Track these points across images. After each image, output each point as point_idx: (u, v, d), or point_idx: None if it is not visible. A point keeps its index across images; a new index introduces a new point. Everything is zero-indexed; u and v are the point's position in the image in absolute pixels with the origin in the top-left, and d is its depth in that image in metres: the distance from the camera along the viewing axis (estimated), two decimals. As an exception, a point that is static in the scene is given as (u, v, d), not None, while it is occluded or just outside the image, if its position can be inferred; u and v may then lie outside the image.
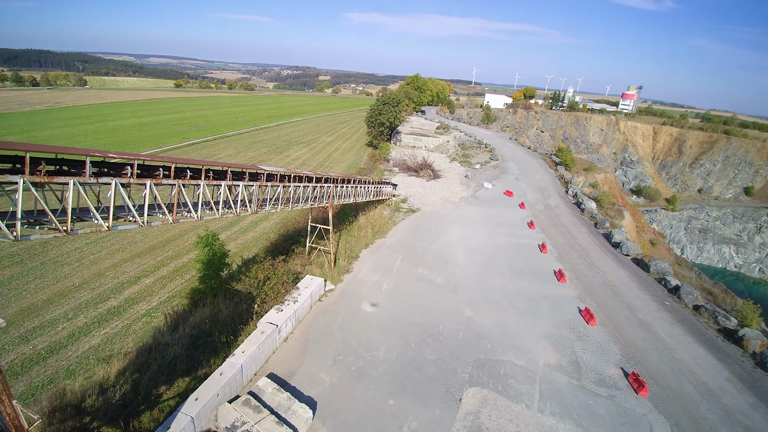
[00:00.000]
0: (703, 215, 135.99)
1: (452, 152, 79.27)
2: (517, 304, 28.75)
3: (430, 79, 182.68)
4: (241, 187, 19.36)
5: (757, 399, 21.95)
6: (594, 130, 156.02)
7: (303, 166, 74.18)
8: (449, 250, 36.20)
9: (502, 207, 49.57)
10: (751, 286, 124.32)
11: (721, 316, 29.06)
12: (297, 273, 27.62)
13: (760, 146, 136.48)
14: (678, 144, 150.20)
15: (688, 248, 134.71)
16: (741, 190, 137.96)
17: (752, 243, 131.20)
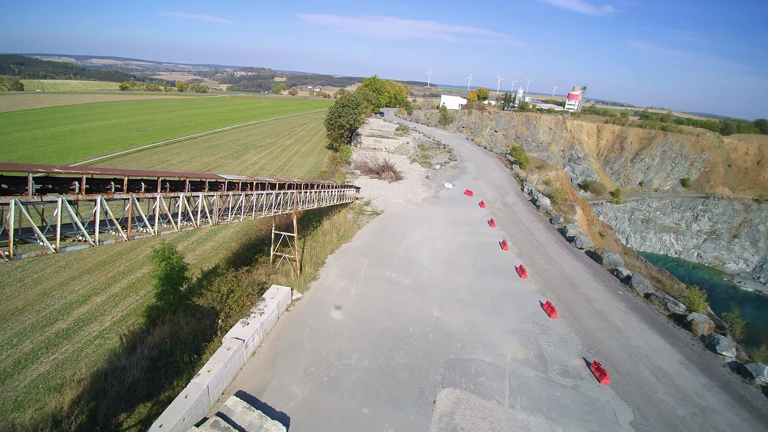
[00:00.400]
0: (644, 206, 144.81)
1: (412, 153, 79.78)
2: (483, 302, 29.15)
3: (388, 80, 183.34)
4: (201, 197, 18.32)
5: (709, 380, 23.33)
6: (543, 129, 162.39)
7: (262, 170, 72.14)
8: (415, 252, 36.24)
9: (463, 206, 50.32)
10: (691, 270, 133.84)
11: (671, 302, 30.72)
12: (262, 283, 26.59)
13: (694, 141, 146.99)
14: (620, 141, 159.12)
15: (633, 237, 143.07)
16: (678, 182, 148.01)
17: (690, 230, 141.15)
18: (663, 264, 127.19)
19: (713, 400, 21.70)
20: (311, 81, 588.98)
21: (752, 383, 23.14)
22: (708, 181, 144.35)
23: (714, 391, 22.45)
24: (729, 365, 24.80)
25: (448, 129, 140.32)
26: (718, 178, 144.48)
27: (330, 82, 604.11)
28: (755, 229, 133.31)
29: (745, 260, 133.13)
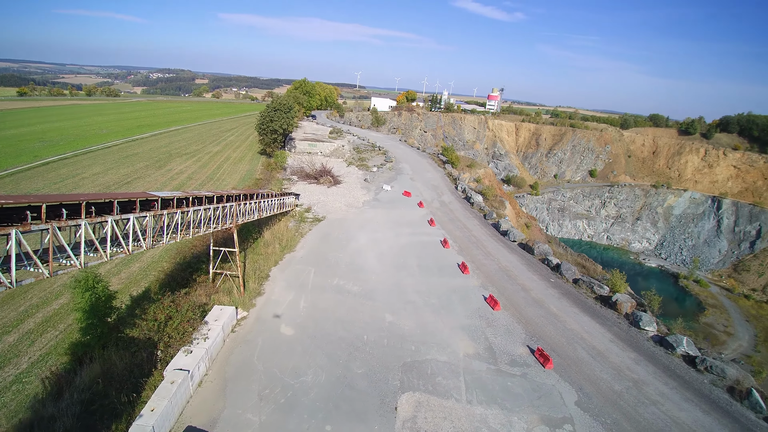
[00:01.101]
0: (560, 196, 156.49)
1: (348, 156, 79.09)
2: (431, 301, 29.46)
3: (318, 83, 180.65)
4: (132, 220, 16.31)
5: (637, 354, 25.41)
6: (468, 128, 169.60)
7: (190, 180, 67.43)
8: (361, 257, 35.75)
9: (403, 208, 50.72)
10: (602, 251, 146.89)
11: (596, 285, 33.17)
12: (203, 305, 24.53)
13: (598, 136, 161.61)
14: (536, 138, 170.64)
15: (551, 226, 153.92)
16: (587, 173, 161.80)
17: (599, 216, 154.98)
18: (579, 248, 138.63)
19: (643, 373, 23.66)
20: (236, 83, 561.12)
21: (674, 354, 25.61)
22: (612, 171, 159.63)
23: (643, 364, 24.51)
24: (652, 339, 27.26)
25: (380, 131, 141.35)
26: (621, 167, 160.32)
27: (257, 84, 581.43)
28: (654, 211, 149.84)
29: (648, 239, 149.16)
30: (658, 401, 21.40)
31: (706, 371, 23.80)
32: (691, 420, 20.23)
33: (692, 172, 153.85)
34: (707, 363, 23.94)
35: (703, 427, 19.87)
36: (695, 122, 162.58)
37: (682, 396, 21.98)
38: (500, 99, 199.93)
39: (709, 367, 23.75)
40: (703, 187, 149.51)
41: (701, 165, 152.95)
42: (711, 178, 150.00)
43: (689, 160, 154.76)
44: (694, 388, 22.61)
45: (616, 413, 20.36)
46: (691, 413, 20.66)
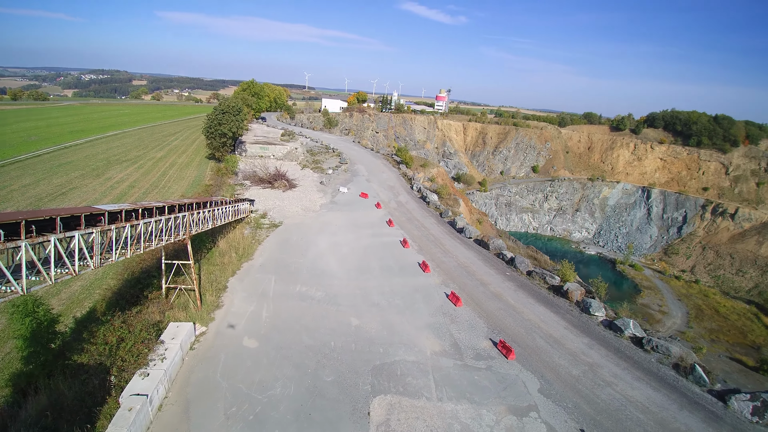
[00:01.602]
0: (506, 192, 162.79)
1: (302, 159, 77.56)
2: (396, 302, 29.46)
3: (266, 84, 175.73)
4: (77, 237, 14.81)
5: (590, 339, 26.80)
6: (418, 128, 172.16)
7: (132, 189, 63.04)
8: (322, 261, 35.07)
9: (361, 209, 50.44)
10: (547, 242, 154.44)
11: (548, 276, 34.66)
12: (157, 323, 22.89)
13: (539, 134, 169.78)
14: (482, 136, 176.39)
15: (500, 220, 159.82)
16: (530, 169, 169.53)
17: (543, 209, 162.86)
18: (525, 240, 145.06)
19: (597, 356, 25.01)
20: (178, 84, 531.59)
21: (623, 336, 27.27)
22: (552, 167, 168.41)
23: (596, 348, 25.90)
24: (602, 323, 28.88)
25: (333, 132, 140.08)
26: (560, 163, 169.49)
27: (200, 85, 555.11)
28: (591, 203, 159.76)
29: (587, 229, 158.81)
30: (612, 382, 22.69)
31: (652, 351, 25.56)
32: (643, 397, 21.63)
33: (624, 165, 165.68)
34: (653, 343, 25.71)
35: (654, 403, 21.30)
36: (625, 119, 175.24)
37: (633, 375, 23.46)
38: (448, 99, 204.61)
39: (655, 347, 25.52)
40: (634, 179, 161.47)
41: (631, 158, 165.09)
42: (640, 170, 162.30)
43: (621, 154, 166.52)
44: (643, 368, 24.21)
45: (576, 397, 21.35)
46: (643, 391, 22.10)
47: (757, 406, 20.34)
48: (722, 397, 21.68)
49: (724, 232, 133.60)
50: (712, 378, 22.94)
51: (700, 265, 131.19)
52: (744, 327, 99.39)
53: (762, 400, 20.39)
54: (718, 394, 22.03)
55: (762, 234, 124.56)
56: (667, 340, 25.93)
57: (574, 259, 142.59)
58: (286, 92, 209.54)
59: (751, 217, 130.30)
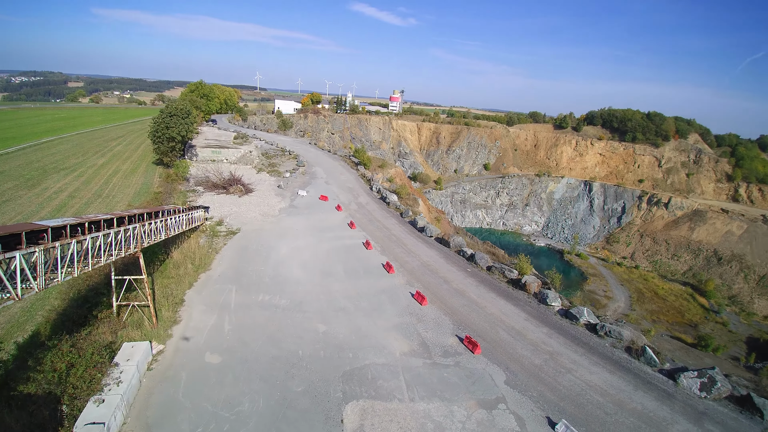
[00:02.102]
0: (461, 190, 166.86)
1: (258, 162, 75.26)
2: (362, 305, 29.20)
3: (216, 85, 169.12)
4: (18, 258, 13.31)
5: (549, 329, 27.86)
6: (374, 129, 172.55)
7: (73, 199, 58.32)
8: (284, 267, 34.10)
9: (322, 212, 49.66)
10: (500, 236, 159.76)
11: (507, 270, 35.73)
12: (110, 344, 21.20)
13: (489, 132, 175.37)
14: (436, 136, 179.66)
15: (455, 217, 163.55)
16: (482, 167, 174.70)
17: (495, 205, 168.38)
18: (480, 235, 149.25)
19: (556, 345, 26.05)
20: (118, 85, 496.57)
21: (578, 324, 28.60)
22: (503, 164, 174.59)
23: (554, 337, 26.97)
24: (558, 313, 30.14)
25: (288, 134, 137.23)
26: (509, 160, 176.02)
27: (143, 86, 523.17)
28: (539, 197, 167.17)
29: (536, 222, 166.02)
30: (572, 369, 23.73)
31: (606, 336, 27.00)
32: (601, 381, 22.77)
33: (567, 161, 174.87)
34: (606, 329, 27.17)
35: (611, 385, 22.49)
36: (567, 117, 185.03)
37: (590, 360, 24.66)
38: (401, 100, 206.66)
39: (608, 332, 26.99)
40: (577, 174, 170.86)
41: (574, 154, 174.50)
42: (582, 165, 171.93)
43: (564, 150, 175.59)
44: (598, 353, 25.52)
45: (540, 386, 22.12)
46: (600, 375, 23.27)
47: (704, 382, 22.02)
48: (672, 375, 23.28)
49: (659, 220, 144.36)
50: (661, 358, 24.57)
51: (639, 252, 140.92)
52: (681, 307, 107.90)
53: (708, 376, 22.10)
54: (668, 373, 23.63)
55: (693, 221, 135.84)
56: (619, 325, 27.47)
57: (525, 251, 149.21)
58: (237, 93, 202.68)
59: (683, 206, 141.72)
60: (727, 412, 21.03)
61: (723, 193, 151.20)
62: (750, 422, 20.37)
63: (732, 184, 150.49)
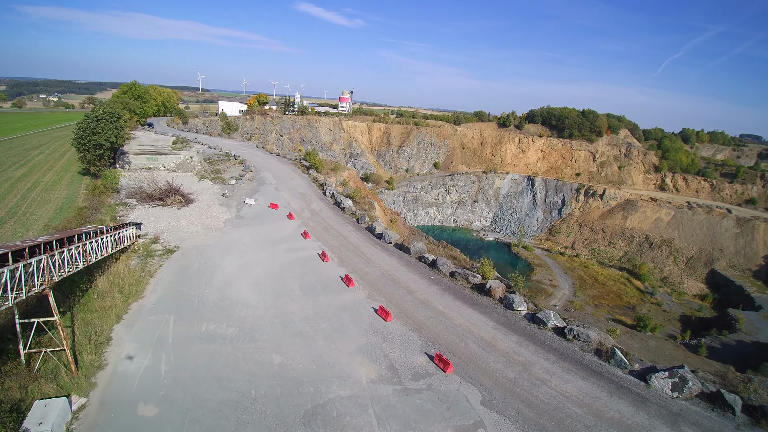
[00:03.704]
0: (412, 189, 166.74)
1: (199, 169, 69.30)
2: (322, 326, 26.32)
3: (152, 86, 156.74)
4: None
5: (518, 336, 26.53)
6: (324, 130, 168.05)
7: (-19, 218, 49.97)
8: (232, 289, 30.32)
9: (272, 222, 45.82)
10: (452, 233, 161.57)
11: (470, 275, 34.25)
12: (17, 403, 16.87)
13: (438, 132, 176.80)
14: (386, 136, 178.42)
15: (408, 216, 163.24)
16: (432, 165, 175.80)
17: (446, 202, 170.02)
18: (433, 233, 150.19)
19: (527, 354, 24.70)
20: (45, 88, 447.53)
21: (546, 328, 27.52)
22: (452, 162, 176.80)
23: (525, 345, 25.65)
24: (525, 318, 28.98)
25: (233, 138, 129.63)
26: (458, 158, 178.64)
27: (72, 88, 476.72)
28: (486, 193, 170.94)
29: (484, 217, 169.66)
30: (546, 379, 22.40)
31: (574, 339, 26.08)
32: (576, 390, 21.59)
33: (511, 157, 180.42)
34: (574, 332, 26.26)
35: (587, 394, 21.36)
36: (509, 116, 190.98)
37: (562, 368, 23.50)
38: (351, 101, 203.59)
39: (577, 335, 26.08)
40: (520, 169, 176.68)
41: (517, 151, 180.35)
42: (525, 161, 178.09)
43: (508, 148, 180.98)
44: (569, 358, 24.47)
45: (517, 402, 20.54)
46: (575, 383, 22.11)
47: (676, 382, 21.49)
48: (643, 376, 22.62)
49: (595, 210, 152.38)
50: (630, 359, 23.91)
51: (579, 241, 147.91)
52: (619, 291, 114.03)
53: (679, 376, 21.59)
54: (639, 374, 22.97)
55: (626, 210, 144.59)
56: (586, 327, 26.71)
57: (476, 245, 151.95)
58: (177, 95, 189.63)
59: (616, 196, 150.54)
60: (700, 411, 20.56)
61: (651, 183, 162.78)
62: (723, 419, 19.98)
63: (659, 174, 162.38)
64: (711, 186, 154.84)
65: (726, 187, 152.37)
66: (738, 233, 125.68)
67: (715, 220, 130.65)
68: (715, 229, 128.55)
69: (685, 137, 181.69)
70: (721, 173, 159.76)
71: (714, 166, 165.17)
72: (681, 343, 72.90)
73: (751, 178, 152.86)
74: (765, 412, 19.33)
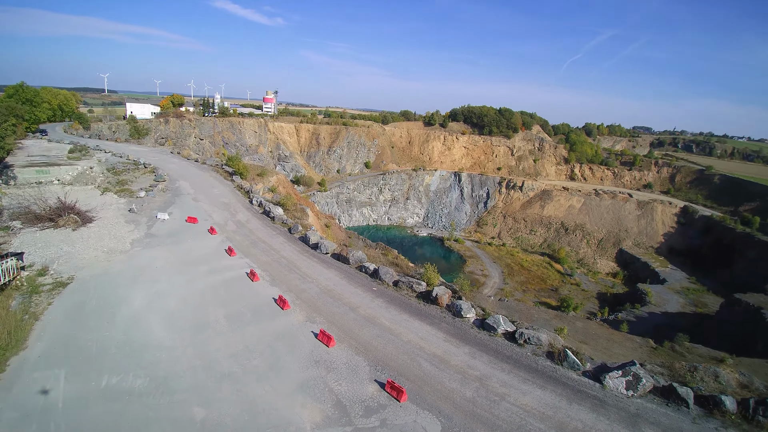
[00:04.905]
0: (345, 189, 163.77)
1: (101, 181, 59.84)
2: (254, 364, 22.37)
3: (45, 88, 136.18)
4: None
5: (470, 347, 24.82)
6: (249, 132, 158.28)
7: None
8: (140, 327, 25.00)
9: (191, 239, 39.99)
10: (386, 231, 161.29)
11: (415, 284, 32.19)
12: None
13: (367, 132, 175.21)
14: (315, 137, 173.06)
15: (343, 217, 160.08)
16: (363, 165, 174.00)
17: (379, 201, 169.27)
18: (368, 232, 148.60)
19: (482, 366, 23.01)
20: None
21: (496, 334, 26.17)
22: (382, 161, 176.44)
23: (478, 356, 23.98)
24: (474, 325, 27.48)
25: (144, 143, 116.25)
26: (388, 157, 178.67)
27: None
28: (417, 190, 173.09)
29: (417, 214, 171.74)
30: (505, 394, 20.82)
31: (525, 343, 24.99)
32: (536, 402, 20.24)
33: (438, 155, 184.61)
34: (524, 336, 25.17)
35: (546, 405, 20.09)
36: (434, 115, 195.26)
37: (518, 378, 22.14)
38: (276, 101, 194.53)
39: (527, 339, 25.01)
40: (447, 166, 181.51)
41: (443, 148, 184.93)
42: (451, 158, 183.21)
43: (434, 145, 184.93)
44: (524, 365, 23.24)
45: (479, 427, 18.63)
46: (533, 394, 20.78)
47: (630, 380, 21.05)
48: (597, 377, 21.99)
49: (516, 201, 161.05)
50: (582, 359, 23.24)
51: (504, 231, 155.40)
52: (543, 275, 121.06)
53: (633, 374, 21.18)
54: (592, 375, 22.32)
55: (543, 199, 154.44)
56: (536, 330, 25.78)
57: (410, 242, 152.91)
58: (77, 97, 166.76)
59: (534, 187, 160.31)
60: (656, 407, 20.22)
61: (563, 173, 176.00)
62: (678, 414, 19.75)
63: (569, 165, 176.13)
64: (613, 174, 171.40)
65: (626, 174, 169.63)
66: (639, 215, 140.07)
67: (619, 205, 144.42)
68: (620, 213, 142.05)
69: (588, 131, 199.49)
70: (621, 162, 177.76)
71: (614, 156, 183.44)
72: (602, 320, 78.38)
73: (646, 165, 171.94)
74: (716, 401, 19.39)
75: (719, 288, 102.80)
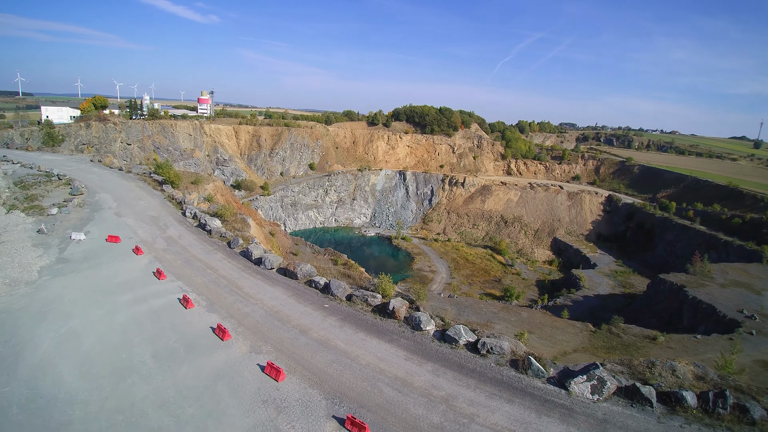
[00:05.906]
0: (289, 192, 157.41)
1: (7, 197, 50.84)
2: (189, 413, 18.84)
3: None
4: None
5: (433, 364, 23.11)
6: (183, 135, 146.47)
7: None
8: (48, 377, 20.31)
9: (111, 262, 34.47)
10: (334, 232, 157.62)
11: (370, 297, 30.03)
12: None
13: (310, 132, 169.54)
14: (256, 139, 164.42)
15: (288, 221, 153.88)
16: (307, 167, 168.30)
17: (325, 203, 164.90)
18: (315, 235, 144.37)
19: (447, 385, 21.36)
20: None
21: (458, 346, 24.67)
22: (327, 162, 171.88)
23: (442, 374, 22.33)
24: (435, 337, 25.85)
25: (60, 151, 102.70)
26: (332, 158, 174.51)
27: None
28: (364, 190, 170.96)
29: (364, 214, 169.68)
30: (473, 414, 19.27)
31: (488, 353, 23.77)
32: (505, 419, 18.89)
33: (382, 154, 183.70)
34: (487, 345, 23.95)
35: (516, 420, 18.82)
36: (377, 114, 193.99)
37: (485, 393, 20.75)
38: (212, 102, 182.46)
39: (490, 349, 23.81)
40: (392, 165, 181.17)
41: (387, 148, 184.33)
42: (395, 157, 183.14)
43: (379, 145, 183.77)
44: (489, 378, 21.93)
45: (447, 460, 16.84)
46: (502, 411, 19.44)
47: (594, 385, 20.41)
48: (562, 383, 21.17)
49: (459, 197, 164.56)
50: (545, 365, 22.34)
51: (448, 227, 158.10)
52: (486, 267, 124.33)
53: (597, 377, 20.56)
54: (557, 382, 21.47)
55: (483, 194, 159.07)
56: (497, 337, 24.67)
57: (359, 242, 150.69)
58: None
59: (474, 183, 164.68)
60: (622, 410, 19.67)
61: (500, 169, 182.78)
62: (644, 415, 19.32)
63: (505, 161, 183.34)
64: (545, 168, 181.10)
65: (557, 167, 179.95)
66: (570, 205, 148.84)
67: (551, 196, 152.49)
68: (552, 204, 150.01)
69: (521, 128, 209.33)
70: (551, 156, 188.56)
71: (546, 151, 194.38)
72: (543, 307, 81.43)
73: (574, 159, 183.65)
74: (677, 398, 19.23)
75: (643, 269, 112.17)
